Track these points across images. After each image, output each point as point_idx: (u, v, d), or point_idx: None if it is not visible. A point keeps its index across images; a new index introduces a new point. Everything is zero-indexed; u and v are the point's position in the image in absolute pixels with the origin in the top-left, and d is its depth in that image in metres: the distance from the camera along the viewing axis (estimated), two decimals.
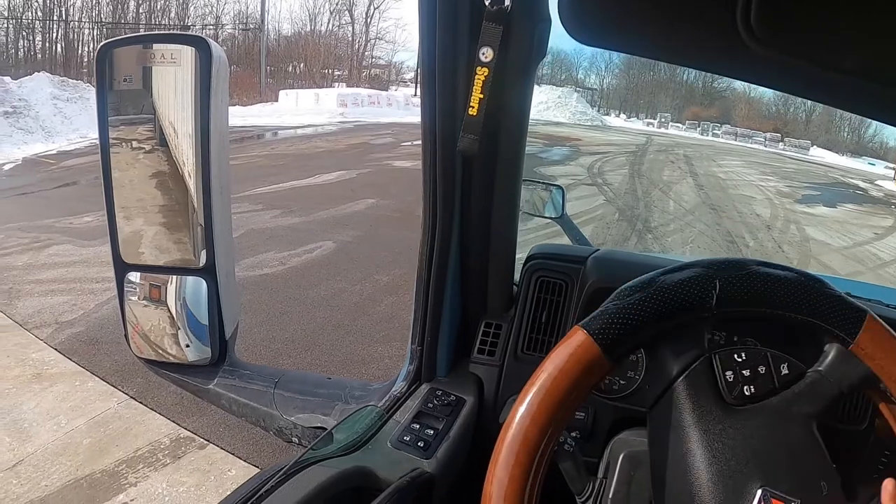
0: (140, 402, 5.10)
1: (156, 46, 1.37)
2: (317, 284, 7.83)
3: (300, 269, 8.44)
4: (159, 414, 4.94)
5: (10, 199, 12.94)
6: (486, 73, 1.20)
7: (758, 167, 24.46)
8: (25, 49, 37.71)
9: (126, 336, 1.57)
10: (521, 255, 1.70)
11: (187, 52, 1.32)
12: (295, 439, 1.55)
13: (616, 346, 0.90)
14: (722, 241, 11.14)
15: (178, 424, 4.79)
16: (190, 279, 1.46)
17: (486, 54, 1.19)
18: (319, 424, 1.50)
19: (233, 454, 4.45)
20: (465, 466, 1.42)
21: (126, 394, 5.23)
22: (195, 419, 4.77)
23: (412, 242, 6.62)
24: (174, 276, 1.48)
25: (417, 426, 1.39)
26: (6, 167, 16.98)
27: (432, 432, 1.37)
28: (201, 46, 1.32)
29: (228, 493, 3.38)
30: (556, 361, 0.90)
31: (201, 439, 4.62)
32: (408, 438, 1.35)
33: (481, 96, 1.21)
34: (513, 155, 1.44)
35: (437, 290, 1.49)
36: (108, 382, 5.43)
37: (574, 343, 0.91)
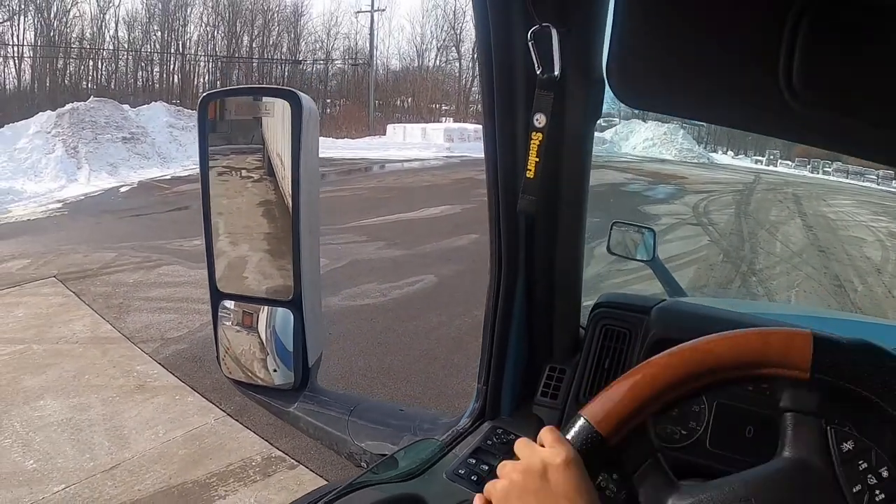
0: (236, 420, 5.29)
1: (250, 99, 1.50)
2: (416, 317, 7.93)
3: (401, 301, 8.54)
4: (253, 432, 5.11)
5: (125, 219, 13.62)
6: (540, 139, 1.24)
7: (869, 207, 23.29)
8: (144, 79, 39.63)
9: (218, 358, 1.70)
10: (591, 301, 1.74)
11: (280, 105, 1.42)
12: (364, 465, 1.59)
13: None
14: (829, 286, 10.66)
15: (271, 444, 4.94)
16: (280, 310, 1.56)
17: (540, 120, 1.24)
18: (387, 453, 1.52)
19: (321, 476, 4.56)
20: None
21: (223, 411, 5.43)
22: (287, 440, 4.91)
23: None
24: (264, 306, 1.59)
25: (474, 461, 1.41)
26: (122, 189, 17.88)
27: (487, 468, 1.38)
28: (293, 100, 1.40)
29: None
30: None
31: (292, 460, 4.75)
32: (462, 472, 1.38)
33: (537, 160, 1.25)
34: (575, 209, 1.50)
35: (501, 333, 1.56)
36: (207, 399, 5.66)
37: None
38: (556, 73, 1.21)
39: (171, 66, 40.77)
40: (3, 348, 6.73)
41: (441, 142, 30.89)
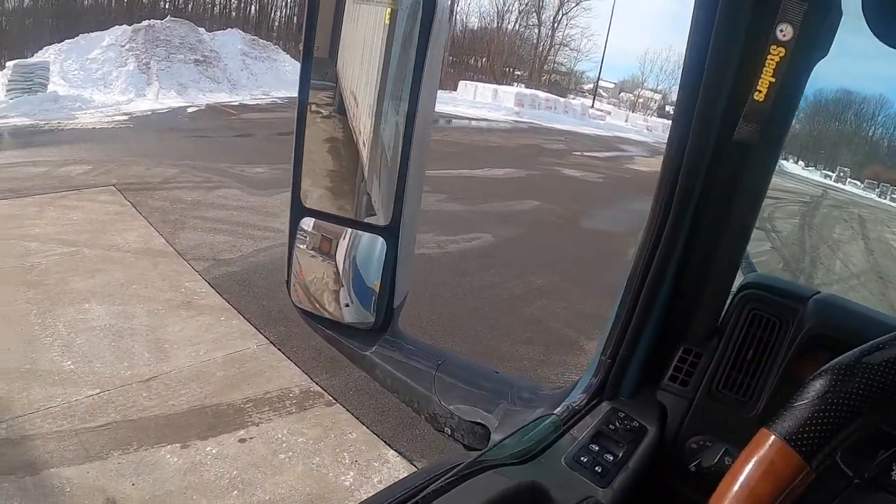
0: (278, 349, 5.27)
1: None
2: (471, 273, 7.85)
3: (456, 255, 8.48)
4: (294, 364, 5.11)
5: (189, 139, 13.71)
6: (781, 54, 1.03)
7: None
8: (221, 6, 39.53)
9: (287, 282, 1.52)
10: None
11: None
12: (448, 430, 1.43)
13: (819, 450, 0.75)
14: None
15: (311, 378, 4.91)
16: (366, 237, 1.39)
17: (785, 32, 1.02)
18: (480, 420, 1.38)
19: (357, 418, 4.52)
20: (642, 503, 1.29)
21: (267, 338, 5.40)
22: (328, 376, 4.87)
23: (571, 249, 6.53)
24: (349, 232, 1.41)
25: (596, 448, 1.26)
26: (189, 110, 18.02)
27: (611, 458, 1.24)
28: None
29: (346, 453, 3.38)
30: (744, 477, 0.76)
31: (330, 397, 4.72)
32: (585, 460, 1.23)
33: (772, 80, 1.05)
34: (768, 165, 1.27)
35: (646, 304, 1.34)
36: (251, 324, 5.65)
37: (764, 452, 0.76)
38: None
39: None
40: (55, 248, 6.79)
41: (511, 105, 30.58)
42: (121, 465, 3.83)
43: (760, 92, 1.06)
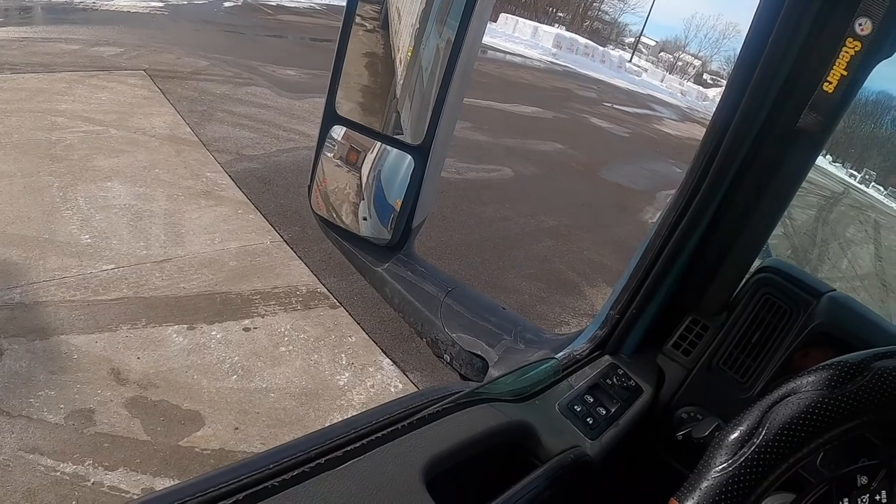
0: (291, 248, 5.40)
1: None
2: (485, 203, 7.90)
3: (475, 184, 8.51)
4: (304, 264, 5.24)
5: (223, 33, 13.59)
6: (857, 49, 1.03)
7: None
8: None
9: (309, 187, 1.56)
10: None
11: None
12: (447, 357, 1.46)
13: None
14: None
15: (319, 279, 5.05)
16: (394, 153, 1.42)
17: (864, 27, 1.01)
18: (480, 353, 1.41)
19: (358, 324, 4.67)
20: (624, 460, 1.34)
21: (281, 236, 5.53)
22: (335, 280, 5.01)
23: (587, 197, 6.58)
24: (378, 145, 1.44)
25: (590, 399, 1.30)
26: (226, 4, 17.79)
27: (604, 412, 1.29)
28: None
29: (343, 355, 3.49)
30: None
31: (334, 300, 4.86)
32: (578, 409, 1.27)
33: (844, 73, 1.04)
34: (808, 154, 1.27)
35: (663, 267, 1.36)
36: (267, 220, 5.77)
37: None
38: None
39: None
40: (81, 125, 6.85)
41: (549, 46, 29.89)
42: (128, 338, 3.98)
43: (830, 83, 1.06)
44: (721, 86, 39.14)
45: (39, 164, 5.85)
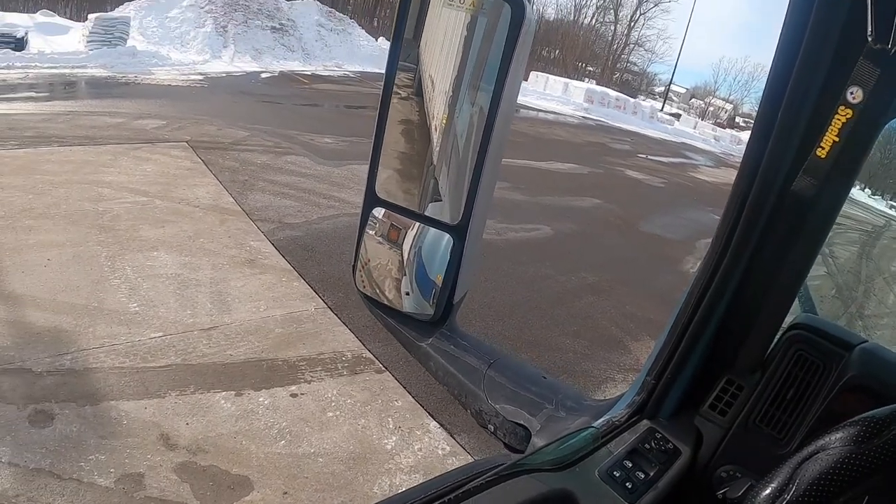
0: (335, 314, 5.48)
1: None
2: (526, 263, 7.93)
3: (514, 244, 8.56)
4: (349, 330, 5.31)
5: (262, 104, 13.97)
6: (848, 116, 1.07)
7: None
8: None
9: (353, 266, 1.58)
10: None
11: (500, 7, 1.26)
12: (491, 427, 1.48)
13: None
14: None
15: (364, 345, 5.11)
16: (432, 231, 1.45)
17: (855, 95, 1.06)
18: (523, 422, 1.43)
19: (405, 388, 4.70)
20: None
21: (325, 303, 5.62)
22: (380, 346, 5.06)
23: (627, 251, 6.58)
24: (418, 224, 1.47)
25: (629, 464, 1.30)
26: (263, 75, 18.32)
27: (642, 476, 1.28)
28: (517, 4, 1.24)
29: (390, 419, 3.50)
30: None
31: (380, 364, 4.91)
32: (617, 475, 1.27)
33: (836, 139, 1.09)
34: (830, 214, 1.28)
35: (696, 331, 1.37)
36: (311, 287, 5.89)
37: None
38: (892, 47, 1.00)
39: None
40: (127, 196, 7.08)
41: (580, 101, 30.09)
42: (177, 404, 4.06)
43: (823, 149, 1.11)
44: None
45: (87, 234, 6.06)
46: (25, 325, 4.56)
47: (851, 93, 1.06)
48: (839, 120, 1.08)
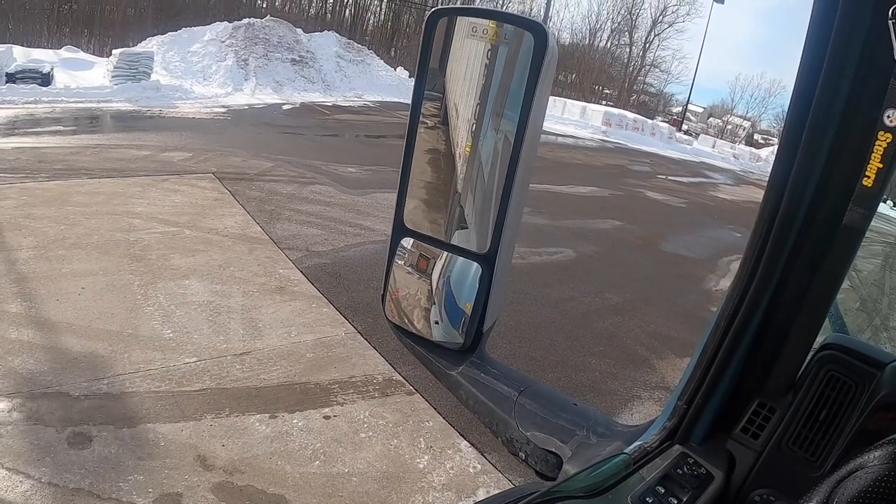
0: (365, 338, 5.61)
1: (488, 22, 1.34)
2: (550, 285, 8.02)
3: (539, 267, 8.65)
4: (379, 353, 5.43)
5: (284, 135, 14.19)
6: (889, 140, 1.04)
7: None
8: (318, 8, 40.22)
9: (383, 296, 1.58)
10: None
11: (522, 36, 1.26)
12: (522, 455, 1.47)
13: None
14: None
15: (394, 368, 5.23)
16: (461, 260, 1.46)
17: (892, 118, 1.02)
18: (554, 450, 1.42)
19: (435, 409, 4.79)
20: None
21: (355, 328, 5.75)
22: (410, 368, 5.17)
23: (649, 271, 6.63)
24: (447, 254, 1.48)
25: (662, 490, 1.29)
26: (284, 107, 18.60)
27: (675, 501, 1.27)
28: (538, 33, 1.23)
29: (422, 439, 3.57)
30: None
31: (411, 386, 5.01)
32: (650, 500, 1.26)
33: (880, 166, 1.06)
34: (856, 234, 1.28)
35: (726, 355, 1.38)
36: (341, 313, 6.02)
37: None
38: None
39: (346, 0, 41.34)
40: (157, 226, 7.26)
41: (598, 124, 30.14)
42: (213, 427, 4.17)
43: (869, 178, 1.09)
44: (773, 145, 38.66)
45: (120, 263, 6.24)
46: (62, 350, 4.72)
47: (888, 116, 1.03)
48: (881, 146, 1.05)
